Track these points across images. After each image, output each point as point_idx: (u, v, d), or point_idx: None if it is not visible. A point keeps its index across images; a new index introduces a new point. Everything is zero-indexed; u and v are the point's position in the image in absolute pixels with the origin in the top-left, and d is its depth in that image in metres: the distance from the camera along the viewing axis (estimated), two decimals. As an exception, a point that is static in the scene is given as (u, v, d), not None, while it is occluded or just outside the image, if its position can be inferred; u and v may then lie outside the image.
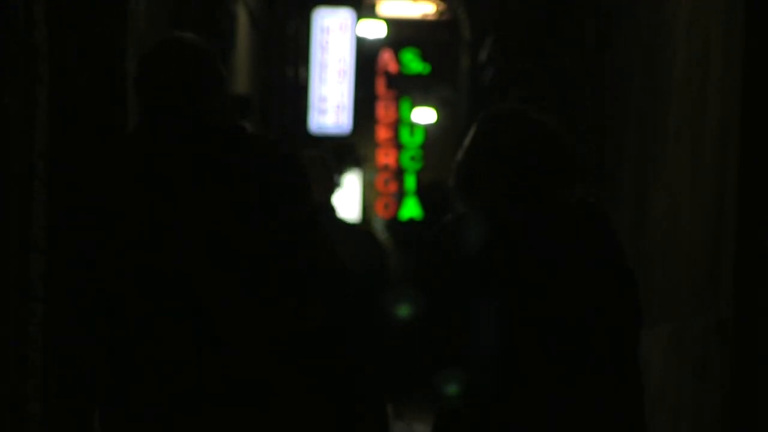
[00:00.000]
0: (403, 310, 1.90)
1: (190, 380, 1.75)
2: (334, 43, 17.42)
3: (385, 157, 24.62)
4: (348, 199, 21.11)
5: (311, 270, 1.84)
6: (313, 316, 1.85)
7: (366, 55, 20.21)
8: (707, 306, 3.67)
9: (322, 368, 1.84)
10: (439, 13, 21.37)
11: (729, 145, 3.43)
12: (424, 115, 23.81)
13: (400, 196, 24.16)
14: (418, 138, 24.39)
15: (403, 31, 23.55)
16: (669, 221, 4.34)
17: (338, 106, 17.43)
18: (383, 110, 24.58)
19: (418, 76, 24.23)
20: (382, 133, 24.66)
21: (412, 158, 24.32)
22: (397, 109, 24.56)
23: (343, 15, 17.61)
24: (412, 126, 24.48)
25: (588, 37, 6.68)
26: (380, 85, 24.34)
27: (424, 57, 24.26)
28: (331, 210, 3.87)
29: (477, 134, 1.93)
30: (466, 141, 1.95)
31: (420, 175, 23.89)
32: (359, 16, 18.40)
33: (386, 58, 23.99)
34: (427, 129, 24.19)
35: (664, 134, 4.49)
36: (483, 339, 1.84)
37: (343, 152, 18.70)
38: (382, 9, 23.20)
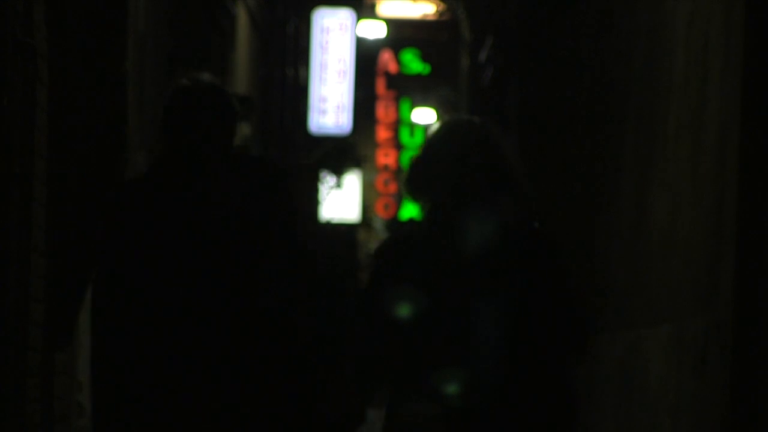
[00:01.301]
0: (397, 310, 2.04)
1: (192, 374, 2.11)
2: (334, 43, 17.43)
3: (385, 157, 24.63)
4: (348, 199, 21.11)
5: (301, 280, 2.24)
6: (298, 315, 2.23)
7: (366, 55, 20.22)
8: (707, 306, 3.67)
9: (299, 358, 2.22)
10: (439, 13, 21.35)
11: (729, 145, 3.43)
12: (424, 115, 23.81)
13: (400, 196, 24.16)
14: (418, 138, 24.39)
15: (403, 31, 23.56)
16: (669, 221, 4.34)
17: (338, 107, 17.44)
18: (383, 110, 24.58)
19: (418, 76, 24.23)
20: (382, 133, 24.67)
21: (412, 158, 24.30)
22: (397, 109, 24.57)
23: (343, 15, 17.63)
24: (412, 126, 24.49)
25: (588, 35, 6.68)
26: (380, 85, 24.34)
27: (424, 57, 24.27)
28: (314, 218, 4.28)
29: (432, 140, 2.20)
30: (423, 145, 2.21)
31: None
32: (359, 16, 18.41)
33: (386, 58, 24.00)
34: (427, 129, 24.16)
35: (664, 134, 4.49)
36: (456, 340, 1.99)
37: (343, 152, 18.70)
38: (382, 9, 23.22)
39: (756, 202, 3.28)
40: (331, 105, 17.31)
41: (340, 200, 19.78)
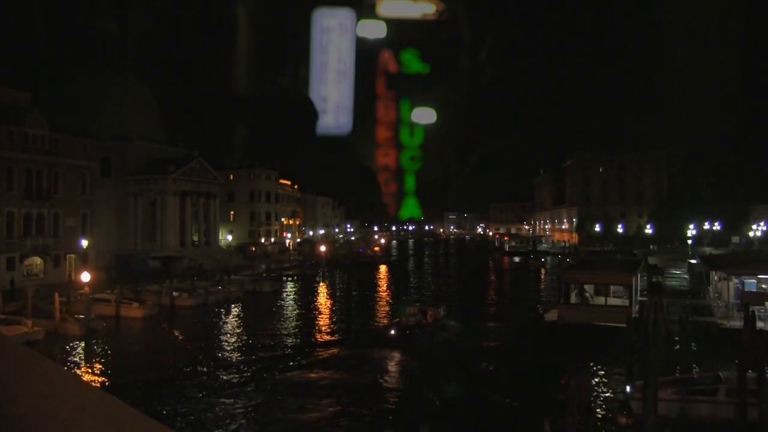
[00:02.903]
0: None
1: None
2: (334, 43, 17.41)
3: (385, 157, 24.59)
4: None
5: None
6: None
7: (366, 55, 20.20)
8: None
9: None
10: (439, 13, 21.32)
11: (728, 145, 3.43)
12: (424, 115, 23.78)
13: (400, 196, 24.13)
14: (418, 138, 24.37)
15: (403, 31, 23.52)
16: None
17: (338, 106, 17.43)
18: (383, 110, 24.55)
19: (418, 76, 24.20)
20: (382, 133, 24.63)
21: (412, 158, 24.29)
22: (397, 109, 24.54)
23: (343, 15, 17.61)
24: (412, 126, 24.46)
25: (587, 35, 6.68)
26: (380, 85, 24.31)
27: (424, 57, 24.24)
28: None
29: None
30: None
31: (420, 175, 23.85)
32: (359, 16, 18.40)
33: (386, 58, 23.96)
34: (427, 129, 24.15)
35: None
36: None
37: (344, 153, 18.69)
38: (382, 9, 23.18)
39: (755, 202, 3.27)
40: (331, 105, 17.30)
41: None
